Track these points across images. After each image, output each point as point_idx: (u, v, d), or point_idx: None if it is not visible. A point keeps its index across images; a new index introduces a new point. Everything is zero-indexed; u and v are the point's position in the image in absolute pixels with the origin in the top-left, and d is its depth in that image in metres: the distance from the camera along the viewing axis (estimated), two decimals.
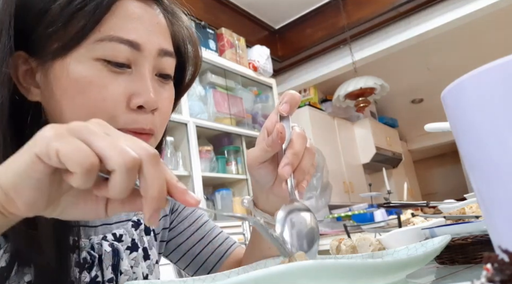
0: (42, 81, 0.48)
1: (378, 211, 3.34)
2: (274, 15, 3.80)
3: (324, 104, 4.77)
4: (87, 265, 0.51)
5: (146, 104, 0.47)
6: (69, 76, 0.45)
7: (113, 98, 0.46)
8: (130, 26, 0.47)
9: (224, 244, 0.72)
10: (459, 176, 6.47)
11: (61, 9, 0.45)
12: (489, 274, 0.19)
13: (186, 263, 0.71)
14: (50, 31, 0.45)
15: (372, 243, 0.78)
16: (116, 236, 0.57)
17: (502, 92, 0.26)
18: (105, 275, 0.53)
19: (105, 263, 0.53)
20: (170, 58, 0.52)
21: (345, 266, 0.34)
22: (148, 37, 0.48)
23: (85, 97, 0.45)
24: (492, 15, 3.32)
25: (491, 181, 0.28)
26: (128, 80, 0.47)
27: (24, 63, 0.48)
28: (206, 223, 0.74)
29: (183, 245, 0.71)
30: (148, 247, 0.62)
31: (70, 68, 0.45)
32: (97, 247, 0.54)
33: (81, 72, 0.45)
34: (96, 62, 0.46)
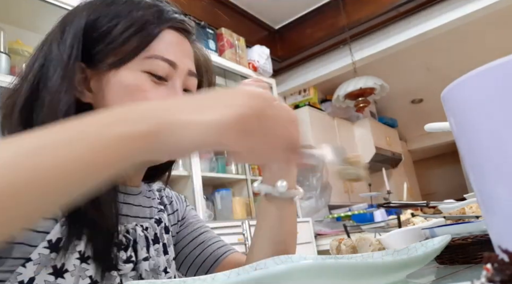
0: (95, 86, 0.59)
1: (378, 211, 3.34)
2: (274, 15, 3.79)
3: (324, 104, 4.77)
4: (123, 246, 0.60)
5: None
6: (121, 82, 0.58)
7: (154, 99, 0.57)
8: (171, 50, 0.60)
9: (222, 248, 0.77)
10: (459, 176, 6.47)
11: (121, 32, 0.57)
12: (489, 274, 0.19)
13: (187, 266, 0.77)
14: (109, 48, 0.57)
15: (372, 243, 0.78)
16: (143, 227, 0.65)
17: (501, 92, 0.26)
18: (140, 255, 0.62)
19: (139, 244, 0.62)
20: (194, 78, 0.65)
21: (345, 266, 0.34)
22: (182, 59, 0.62)
23: (132, 99, 0.57)
24: (491, 15, 3.32)
25: (491, 181, 0.28)
26: (164, 90, 0.60)
27: (80, 72, 0.59)
28: (208, 232, 0.81)
29: (185, 249, 0.78)
30: (167, 244, 0.70)
31: (123, 76, 0.58)
32: (131, 232, 0.62)
33: (131, 80, 0.58)
34: (143, 74, 0.58)
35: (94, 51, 0.58)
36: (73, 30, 0.57)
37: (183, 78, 0.62)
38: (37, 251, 0.51)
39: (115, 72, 0.58)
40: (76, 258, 0.54)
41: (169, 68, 0.60)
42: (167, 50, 0.60)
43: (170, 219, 0.77)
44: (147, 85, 0.58)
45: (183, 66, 0.62)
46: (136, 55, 0.58)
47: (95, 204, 0.54)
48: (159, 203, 0.74)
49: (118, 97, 0.58)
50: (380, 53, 3.63)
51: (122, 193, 0.65)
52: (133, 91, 0.58)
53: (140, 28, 0.58)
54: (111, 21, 0.58)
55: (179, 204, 0.81)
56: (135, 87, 0.58)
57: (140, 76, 0.58)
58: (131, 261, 0.60)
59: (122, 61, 0.58)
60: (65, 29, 0.58)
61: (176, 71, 0.61)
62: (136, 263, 0.61)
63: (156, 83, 0.59)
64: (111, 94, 0.58)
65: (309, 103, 4.28)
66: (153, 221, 0.69)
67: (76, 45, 0.56)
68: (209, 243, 0.78)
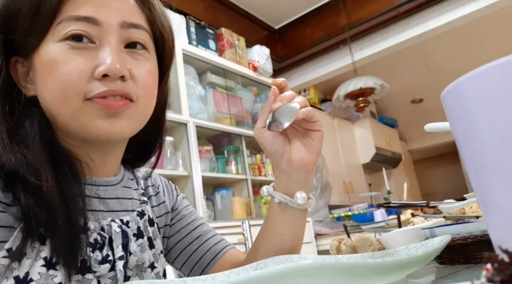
0: (32, 76, 0.54)
1: (378, 211, 3.34)
2: (274, 15, 3.80)
3: (324, 104, 4.78)
4: (98, 245, 0.54)
5: (109, 72, 0.50)
6: (42, 62, 0.51)
7: (78, 70, 0.50)
8: (85, 5, 0.51)
9: (220, 244, 0.74)
10: (459, 176, 6.47)
11: (27, 7, 0.50)
12: (489, 274, 0.19)
13: (182, 262, 0.73)
14: (24, 29, 0.51)
15: (372, 243, 0.78)
16: (123, 221, 0.59)
17: (501, 92, 0.26)
18: (116, 253, 0.55)
19: (115, 242, 0.56)
20: (137, 30, 0.55)
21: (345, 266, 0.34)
22: (106, 12, 0.52)
23: (54, 76, 0.50)
24: (491, 15, 3.32)
25: (491, 181, 0.28)
26: (92, 55, 0.51)
27: (21, 66, 0.54)
28: (203, 225, 0.77)
29: (180, 243, 0.73)
30: (152, 237, 0.64)
31: (42, 54, 0.51)
32: (107, 229, 0.56)
33: (50, 55, 0.51)
34: (61, 43, 0.51)
35: (17, 38, 0.52)
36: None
37: (116, 34, 0.52)
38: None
39: (37, 54, 0.51)
40: (41, 265, 0.49)
41: (90, 26, 0.51)
42: (81, 6, 0.51)
43: (155, 211, 0.70)
44: (67, 55, 0.50)
45: (110, 18, 0.52)
46: (48, 26, 0.50)
47: (55, 201, 0.48)
48: (142, 194, 0.67)
49: (42, 80, 0.51)
50: (380, 53, 3.63)
51: (90, 185, 0.57)
52: (53, 66, 0.50)
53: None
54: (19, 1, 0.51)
55: (167, 194, 0.75)
56: (54, 61, 0.50)
57: (58, 47, 0.50)
58: (108, 260, 0.54)
59: (38, 38, 0.51)
60: None
61: (102, 27, 0.51)
62: (114, 261, 0.55)
63: (79, 49, 0.51)
64: (39, 78, 0.52)
65: (309, 103, 4.28)
66: (135, 214, 0.62)
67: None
68: (206, 237, 0.74)
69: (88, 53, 0.51)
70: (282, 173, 0.63)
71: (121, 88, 0.52)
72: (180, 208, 0.76)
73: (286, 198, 0.63)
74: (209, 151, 2.84)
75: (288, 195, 0.63)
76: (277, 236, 0.64)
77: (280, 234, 0.64)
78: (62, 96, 0.50)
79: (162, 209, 0.72)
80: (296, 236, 0.65)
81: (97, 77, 0.50)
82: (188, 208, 0.77)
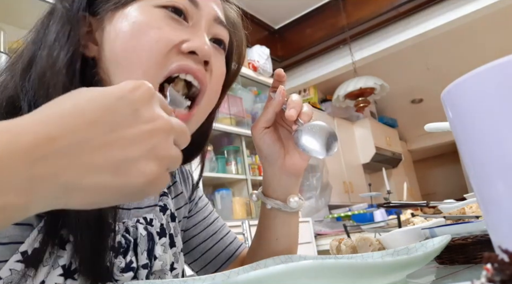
0: (100, 37, 0.48)
1: (378, 211, 3.34)
2: (274, 15, 3.79)
3: (324, 104, 4.77)
4: (122, 249, 0.49)
5: (198, 50, 0.48)
6: (128, 19, 0.46)
7: (167, 39, 0.46)
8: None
9: (234, 243, 0.73)
10: (459, 176, 6.47)
11: None
12: (489, 274, 0.19)
13: (195, 258, 0.70)
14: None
15: (372, 243, 0.78)
16: (147, 220, 0.55)
17: (501, 92, 0.26)
18: (140, 260, 0.50)
19: (140, 248, 0.51)
20: (224, 29, 0.54)
21: (345, 266, 0.34)
22: (206, 1, 0.51)
23: (139, 39, 0.46)
24: (491, 16, 3.32)
25: (491, 181, 0.28)
26: (184, 30, 0.48)
27: (84, 24, 0.49)
28: (218, 219, 0.74)
29: (196, 239, 0.70)
30: (173, 234, 0.60)
31: (130, 13, 0.47)
32: (132, 231, 0.51)
33: (141, 15, 0.46)
34: (156, 9, 0.47)
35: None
36: None
37: (208, 22, 0.51)
38: (7, 267, 0.40)
39: (122, 11, 0.47)
40: (59, 274, 0.43)
41: (190, 6, 0.49)
42: None
43: (175, 203, 0.66)
44: (160, 21, 0.47)
45: (208, 8, 0.51)
46: None
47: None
48: None
49: (126, 39, 0.46)
50: (380, 53, 3.63)
51: None
52: (141, 29, 0.46)
53: None
54: None
55: (184, 182, 0.70)
56: (143, 23, 0.46)
57: (152, 12, 0.47)
58: (131, 268, 0.48)
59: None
60: None
61: (200, 12, 0.50)
62: (138, 269, 0.50)
63: (173, 21, 0.48)
64: (118, 37, 0.46)
65: (309, 103, 4.27)
66: (158, 210, 0.58)
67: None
68: (221, 235, 0.72)
69: (181, 28, 0.48)
70: (273, 177, 0.62)
71: (202, 77, 0.49)
72: (196, 199, 0.72)
73: (278, 204, 0.62)
74: (209, 151, 2.84)
75: (279, 200, 0.62)
76: (272, 241, 0.64)
77: (275, 238, 0.64)
78: (144, 59, 0.46)
79: (181, 200, 0.68)
80: (291, 238, 0.65)
81: (184, 51, 0.47)
82: (203, 199, 0.74)
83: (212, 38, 0.52)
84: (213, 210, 0.75)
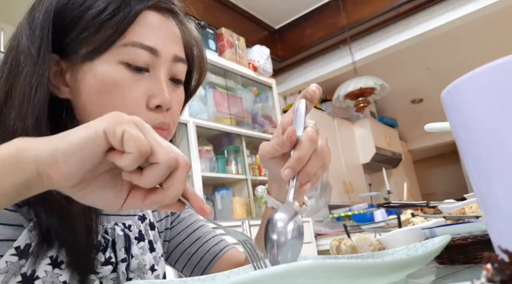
0: (71, 80, 0.53)
1: (378, 211, 3.34)
2: (274, 15, 3.79)
3: (324, 104, 4.77)
4: (101, 247, 0.56)
5: (163, 104, 0.53)
6: (96, 76, 0.51)
7: (134, 99, 0.52)
8: (151, 34, 0.53)
9: (219, 244, 0.75)
10: (459, 176, 6.47)
11: (93, 18, 0.51)
12: (489, 274, 0.19)
13: (183, 264, 0.75)
14: (82, 37, 0.51)
15: (372, 243, 0.78)
16: (125, 225, 0.61)
17: (501, 92, 0.26)
18: (119, 256, 0.57)
19: (118, 245, 0.58)
20: (182, 64, 0.58)
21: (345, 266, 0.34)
22: (164, 44, 0.54)
23: (109, 97, 0.51)
24: (491, 15, 3.32)
25: (491, 181, 0.28)
26: (146, 83, 0.53)
27: (55, 64, 0.53)
28: (203, 226, 0.78)
29: (180, 246, 0.75)
30: (153, 241, 0.66)
31: (97, 69, 0.51)
32: (110, 232, 0.58)
33: (107, 73, 0.51)
34: (120, 65, 0.52)
35: (67, 40, 0.52)
36: (42, 17, 0.50)
37: (168, 66, 0.55)
38: (4, 259, 0.48)
39: (90, 65, 0.51)
40: (47, 263, 0.50)
41: (150, 56, 0.53)
42: (146, 35, 0.53)
43: (155, 215, 0.72)
44: (125, 80, 0.52)
45: (167, 52, 0.54)
46: (111, 44, 0.51)
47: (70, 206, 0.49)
48: None
49: (95, 95, 0.51)
50: (380, 53, 3.62)
51: None
52: (110, 87, 0.51)
53: (114, 11, 0.51)
54: (81, 5, 0.51)
55: None
56: (111, 82, 0.51)
57: (116, 69, 0.51)
58: (110, 262, 0.56)
59: (97, 51, 0.51)
60: (34, 17, 0.51)
61: (159, 59, 0.54)
62: (116, 264, 0.57)
63: (135, 75, 0.52)
64: (87, 90, 0.52)
65: None
66: (137, 218, 0.65)
67: (46, 35, 0.50)
68: (205, 239, 0.75)
69: (143, 80, 0.53)
70: (275, 181, 0.60)
71: (166, 119, 0.55)
72: (178, 212, 0.76)
73: (279, 204, 0.60)
74: (209, 151, 2.84)
75: (280, 201, 0.61)
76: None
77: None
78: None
79: (162, 213, 0.74)
80: None
81: (151, 108, 0.53)
82: (187, 210, 0.78)
83: (171, 77, 0.57)
84: (198, 220, 0.78)
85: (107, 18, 0.51)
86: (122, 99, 0.51)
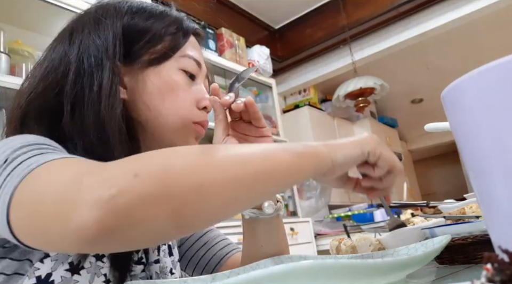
0: (130, 83, 0.61)
1: (378, 211, 3.34)
2: (274, 15, 3.79)
3: (324, 104, 4.77)
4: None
5: (208, 106, 0.66)
6: (161, 78, 0.61)
7: (189, 99, 0.64)
8: (195, 51, 0.67)
9: (225, 248, 0.77)
10: (459, 176, 6.47)
11: (159, 30, 0.62)
12: (489, 274, 0.19)
13: (193, 267, 0.78)
14: (149, 45, 0.61)
15: (372, 243, 0.78)
16: None
17: (501, 92, 0.26)
18: (152, 257, 0.63)
19: (151, 248, 0.63)
20: (206, 80, 0.71)
21: (345, 266, 0.34)
22: (202, 60, 0.68)
23: (174, 96, 0.62)
24: (491, 15, 3.32)
25: (491, 181, 0.28)
26: (195, 88, 0.65)
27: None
28: (211, 231, 0.81)
29: (190, 250, 0.78)
30: (171, 245, 0.70)
31: (163, 73, 0.62)
32: None
33: (171, 76, 0.62)
34: (180, 71, 0.63)
35: (133, 49, 0.61)
36: (112, 27, 0.59)
37: (204, 79, 0.68)
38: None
39: (154, 69, 0.61)
40: (65, 269, 0.53)
41: (197, 67, 0.65)
42: (193, 52, 0.66)
43: None
44: (183, 83, 0.63)
45: (204, 67, 0.68)
46: (174, 53, 0.62)
47: None
48: None
49: (159, 93, 0.61)
50: (380, 53, 3.62)
51: None
52: (174, 88, 0.62)
53: (176, 29, 0.63)
54: (147, 20, 0.62)
55: None
56: (174, 83, 0.62)
57: (177, 73, 0.63)
58: (141, 262, 0.60)
59: (163, 58, 0.62)
60: (101, 25, 0.59)
61: (201, 71, 0.67)
62: (146, 264, 0.61)
63: (189, 80, 0.64)
64: (151, 90, 0.61)
65: (309, 103, 4.28)
66: None
67: (119, 43, 0.58)
68: (213, 243, 0.78)
69: (193, 86, 0.65)
70: None
71: (207, 117, 0.66)
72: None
73: (255, 212, 0.63)
74: None
75: (255, 208, 0.63)
76: (258, 248, 0.66)
77: (260, 245, 0.66)
78: (179, 112, 0.62)
79: None
80: (277, 242, 0.66)
81: (200, 108, 0.65)
82: None
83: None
84: None
85: (170, 33, 0.63)
86: (181, 98, 0.62)
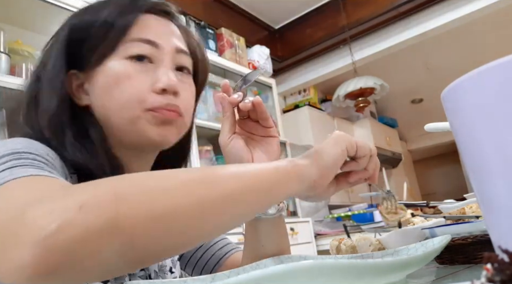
0: (89, 87, 0.61)
1: (378, 211, 3.34)
2: (274, 15, 3.79)
3: (324, 104, 4.77)
4: None
5: (167, 87, 0.59)
6: (105, 74, 0.59)
7: (140, 85, 0.58)
8: (149, 31, 0.61)
9: (225, 248, 0.77)
10: (459, 176, 6.47)
11: (98, 28, 0.59)
12: (489, 274, 0.19)
13: (192, 267, 0.77)
14: (92, 46, 0.59)
15: (372, 243, 0.78)
16: None
17: (501, 92, 0.26)
18: None
19: None
20: (186, 56, 0.64)
21: (345, 266, 0.34)
22: (164, 39, 0.61)
23: (119, 88, 0.58)
24: (491, 15, 3.32)
25: (491, 181, 0.28)
26: (151, 72, 0.59)
27: (75, 79, 0.61)
28: None
29: (188, 251, 0.77)
30: None
31: (107, 68, 0.59)
32: None
33: (114, 68, 0.58)
34: (125, 60, 0.59)
35: (81, 54, 0.60)
36: (59, 39, 0.60)
37: (171, 57, 0.61)
38: None
39: (101, 67, 0.59)
40: None
41: (151, 48, 0.60)
42: (145, 33, 0.60)
43: None
44: (131, 71, 0.58)
45: (167, 44, 0.61)
46: (116, 45, 0.59)
47: None
48: None
49: (107, 90, 0.58)
50: (380, 53, 3.62)
51: None
52: (118, 80, 0.58)
53: (115, 19, 0.59)
54: (88, 21, 0.60)
55: None
56: (120, 74, 0.58)
57: (122, 63, 0.59)
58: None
59: (105, 55, 0.59)
60: (56, 40, 0.61)
61: (161, 51, 0.60)
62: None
63: (140, 67, 0.59)
64: (100, 88, 0.59)
65: (309, 103, 4.28)
66: None
67: (60, 56, 0.59)
68: (211, 243, 0.77)
69: (148, 71, 0.59)
70: None
71: (176, 107, 0.60)
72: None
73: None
74: (209, 151, 2.84)
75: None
76: (259, 248, 0.65)
77: (261, 245, 0.64)
78: (126, 104, 0.58)
79: None
80: (279, 242, 0.65)
81: (157, 91, 0.58)
82: None
83: (177, 67, 0.63)
84: None
85: (110, 25, 0.58)
86: (130, 87, 0.57)
